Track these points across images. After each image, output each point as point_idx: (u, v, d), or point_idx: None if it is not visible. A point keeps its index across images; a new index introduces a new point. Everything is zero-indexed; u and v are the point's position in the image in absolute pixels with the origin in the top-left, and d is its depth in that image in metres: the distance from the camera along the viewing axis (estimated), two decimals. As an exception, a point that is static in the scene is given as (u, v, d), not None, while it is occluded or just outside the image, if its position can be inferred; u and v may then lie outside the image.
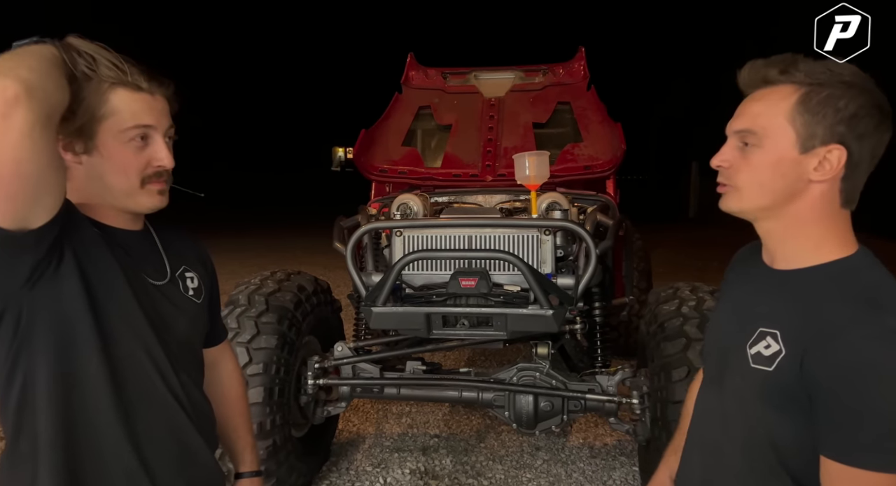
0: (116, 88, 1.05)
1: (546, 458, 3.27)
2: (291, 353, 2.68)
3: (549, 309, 2.35)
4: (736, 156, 1.05)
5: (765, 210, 1.05)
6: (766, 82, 1.03)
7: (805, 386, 0.96)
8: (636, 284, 4.44)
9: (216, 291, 1.36)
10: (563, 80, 4.01)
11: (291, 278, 2.92)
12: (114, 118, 1.05)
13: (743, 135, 1.04)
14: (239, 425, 1.42)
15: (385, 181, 3.69)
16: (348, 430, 3.60)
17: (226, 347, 1.45)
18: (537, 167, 2.60)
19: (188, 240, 1.31)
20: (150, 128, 1.08)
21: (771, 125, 1.01)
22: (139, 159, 1.08)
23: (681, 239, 11.59)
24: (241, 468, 1.41)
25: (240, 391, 1.45)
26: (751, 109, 1.04)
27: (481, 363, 4.71)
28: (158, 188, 1.11)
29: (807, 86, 0.99)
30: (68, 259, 0.99)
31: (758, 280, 1.12)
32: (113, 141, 1.06)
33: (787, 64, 1.01)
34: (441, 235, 2.64)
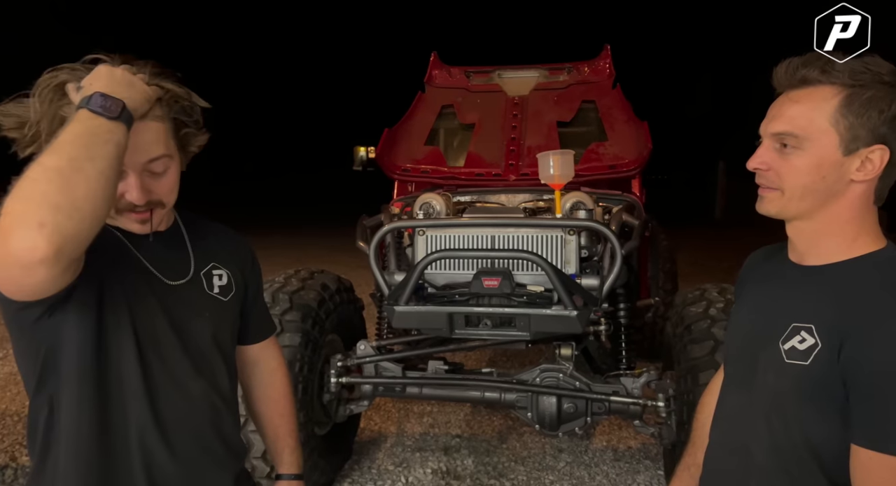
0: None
1: (569, 460, 3.24)
2: (315, 351, 2.69)
3: (573, 310, 2.33)
4: (774, 158, 1.02)
5: (805, 212, 1.03)
6: (805, 82, 1.00)
7: (842, 375, 0.95)
8: (662, 285, 4.38)
9: (255, 288, 1.33)
10: (587, 78, 3.97)
11: (315, 277, 2.94)
12: None
13: (781, 137, 1.01)
14: (280, 425, 1.38)
15: (408, 180, 3.69)
16: (370, 429, 3.61)
17: (269, 345, 1.40)
18: (562, 166, 2.57)
19: (226, 236, 1.28)
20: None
21: (813, 128, 0.98)
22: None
23: (707, 240, 11.40)
24: (280, 468, 1.38)
25: (282, 391, 1.40)
26: (789, 111, 1.00)
27: (503, 364, 4.69)
28: (137, 218, 1.06)
29: (849, 87, 0.96)
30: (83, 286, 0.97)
31: (784, 278, 1.10)
32: None
33: (826, 63, 0.98)
34: (464, 234, 2.63)
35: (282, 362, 1.43)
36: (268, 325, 1.41)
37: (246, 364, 1.36)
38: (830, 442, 0.99)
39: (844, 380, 0.95)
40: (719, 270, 8.22)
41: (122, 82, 0.94)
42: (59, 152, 0.83)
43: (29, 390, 1.04)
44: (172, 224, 1.19)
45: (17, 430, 3.55)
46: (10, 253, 0.77)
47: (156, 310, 1.08)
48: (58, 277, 0.83)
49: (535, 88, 3.91)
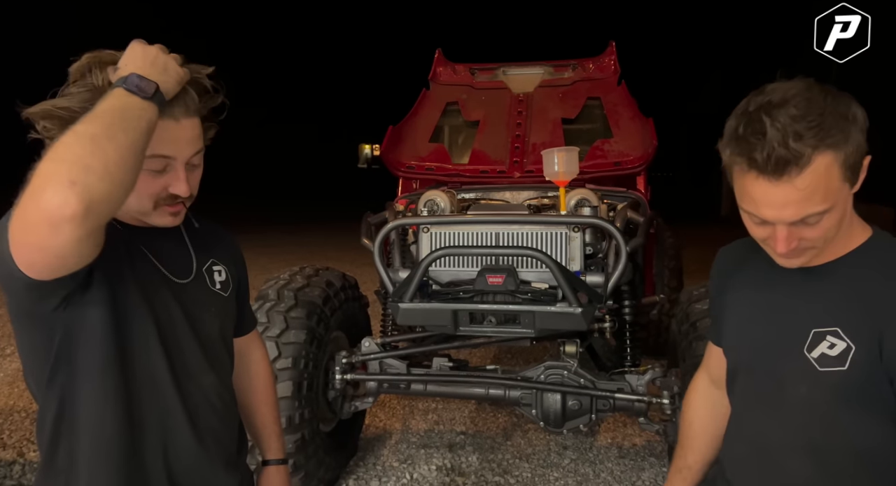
0: None
1: (574, 457, 3.24)
2: (320, 348, 2.70)
3: (578, 307, 2.33)
4: (801, 232, 0.98)
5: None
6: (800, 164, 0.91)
7: (888, 373, 0.94)
8: (667, 282, 4.37)
9: (245, 281, 1.36)
10: (592, 75, 3.95)
11: (320, 274, 2.95)
12: None
13: (806, 219, 0.96)
14: (265, 413, 1.43)
15: (412, 178, 3.69)
16: (375, 425, 3.62)
17: (255, 336, 1.45)
18: (566, 163, 2.57)
19: (216, 231, 1.31)
20: (168, 159, 1.04)
21: (832, 195, 0.94)
22: (154, 185, 1.04)
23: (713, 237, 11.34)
24: (267, 455, 1.42)
25: (267, 381, 1.45)
26: (797, 196, 0.93)
27: (508, 361, 4.69)
28: (172, 210, 1.09)
29: (832, 145, 0.92)
30: (97, 278, 0.99)
31: (785, 283, 1.08)
32: None
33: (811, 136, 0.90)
34: (468, 231, 2.63)
35: (265, 353, 1.48)
36: (252, 317, 1.46)
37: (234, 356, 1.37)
38: (881, 447, 0.97)
39: (892, 378, 0.93)
40: (725, 267, 8.18)
41: (157, 65, 0.97)
42: (94, 122, 0.86)
43: (39, 385, 1.05)
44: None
45: (24, 426, 3.58)
46: (41, 208, 0.79)
47: (171, 303, 1.10)
48: (81, 242, 0.83)
49: (539, 84, 3.89)
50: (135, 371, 1.05)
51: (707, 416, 1.36)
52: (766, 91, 0.95)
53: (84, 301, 0.98)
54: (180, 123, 1.03)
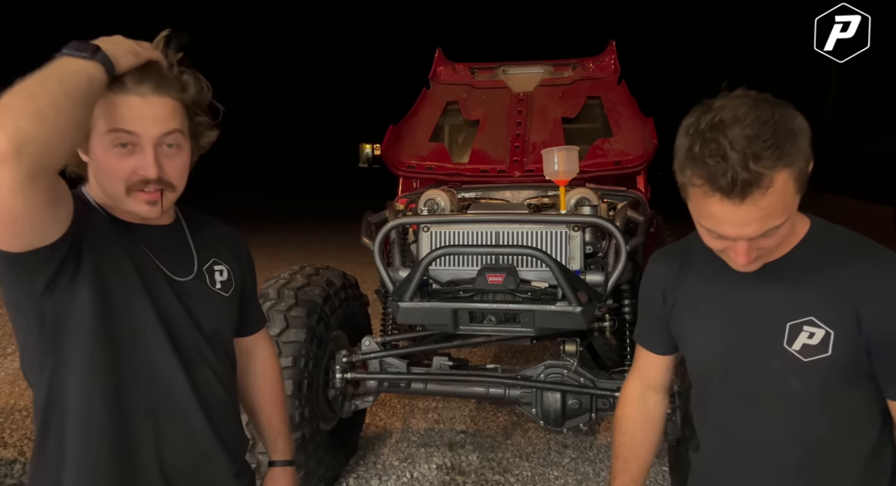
0: (114, 93, 1.00)
1: (574, 456, 3.25)
2: (320, 347, 2.71)
3: (578, 306, 2.33)
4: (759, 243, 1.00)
5: None
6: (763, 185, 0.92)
7: (866, 346, 0.99)
8: (667, 281, 4.36)
9: (251, 281, 1.35)
10: (593, 74, 3.95)
11: (320, 273, 2.95)
12: (98, 121, 1.01)
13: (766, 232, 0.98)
14: (273, 414, 1.42)
15: (412, 177, 3.69)
16: (375, 424, 3.63)
17: (262, 336, 1.44)
18: (566, 162, 2.57)
19: (222, 231, 1.30)
20: (132, 135, 1.01)
21: (789, 207, 0.97)
22: (123, 166, 1.02)
23: (713, 236, 11.35)
24: (273, 456, 1.42)
25: (273, 381, 1.44)
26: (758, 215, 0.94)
27: (508, 360, 4.69)
28: (147, 198, 1.05)
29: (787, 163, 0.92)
30: (86, 266, 1.00)
31: (741, 281, 1.08)
32: (97, 145, 1.03)
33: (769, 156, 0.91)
34: (468, 230, 2.63)
35: (273, 353, 1.47)
36: (260, 316, 1.45)
37: (240, 356, 1.37)
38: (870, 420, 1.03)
39: (869, 349, 0.98)
40: (725, 266, 8.19)
41: (107, 40, 0.98)
42: (28, 79, 0.86)
43: (31, 371, 1.06)
44: (174, 220, 1.21)
45: (25, 425, 3.59)
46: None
47: (171, 298, 1.11)
48: (25, 191, 0.82)
49: (539, 84, 3.90)
50: (129, 360, 1.05)
51: (647, 426, 1.36)
52: (714, 108, 0.95)
53: (72, 288, 0.99)
54: (147, 99, 1.02)
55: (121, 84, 1.00)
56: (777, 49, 15.43)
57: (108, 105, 1.00)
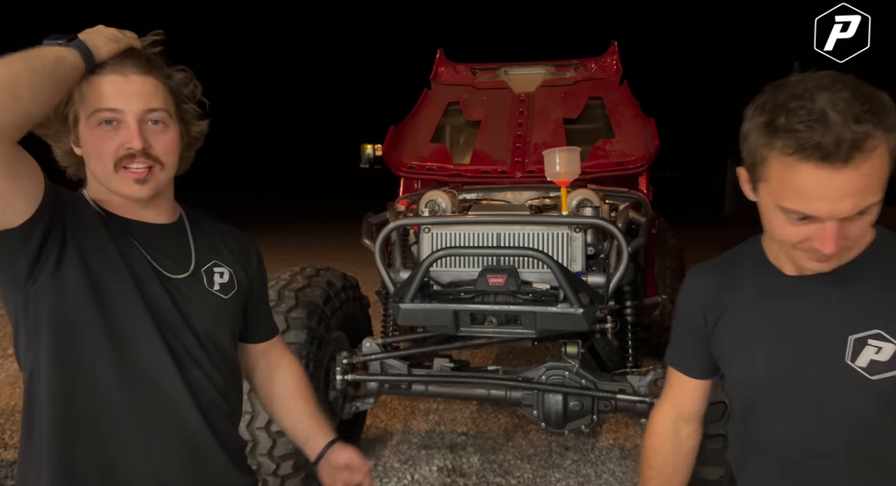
0: (96, 75, 1.04)
1: (575, 458, 3.23)
2: (320, 348, 2.70)
3: (579, 308, 2.32)
4: (846, 230, 0.90)
5: None
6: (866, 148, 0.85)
7: None
8: (669, 283, 4.35)
9: (259, 288, 1.33)
10: (594, 74, 3.94)
11: (321, 274, 2.94)
12: (83, 105, 1.05)
13: (862, 211, 0.90)
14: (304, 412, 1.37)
15: (414, 178, 3.68)
16: (376, 426, 3.62)
17: (278, 344, 1.42)
18: (568, 163, 2.56)
19: (231, 236, 1.29)
20: (116, 112, 1.04)
21: (882, 187, 0.88)
22: (110, 144, 1.04)
23: (716, 238, 11.33)
24: (328, 437, 1.35)
25: (302, 379, 1.41)
26: (858, 185, 0.86)
27: (509, 362, 4.68)
28: (133, 177, 1.06)
29: (891, 131, 0.86)
30: (71, 255, 1.00)
31: (789, 294, 1.02)
32: (84, 128, 1.06)
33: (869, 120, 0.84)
34: (469, 231, 2.63)
35: (292, 359, 1.45)
36: (272, 325, 1.42)
37: (259, 363, 1.36)
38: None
39: None
40: (727, 267, 8.17)
41: (88, 30, 1.02)
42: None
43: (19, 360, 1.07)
44: (177, 219, 1.20)
45: (26, 426, 3.59)
46: None
47: (162, 294, 1.10)
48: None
49: (541, 84, 3.89)
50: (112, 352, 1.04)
51: (679, 459, 1.27)
52: (792, 83, 0.89)
53: (56, 275, 1.00)
54: (128, 78, 1.05)
55: (102, 67, 1.04)
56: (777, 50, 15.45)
57: (91, 87, 1.04)
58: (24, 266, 0.98)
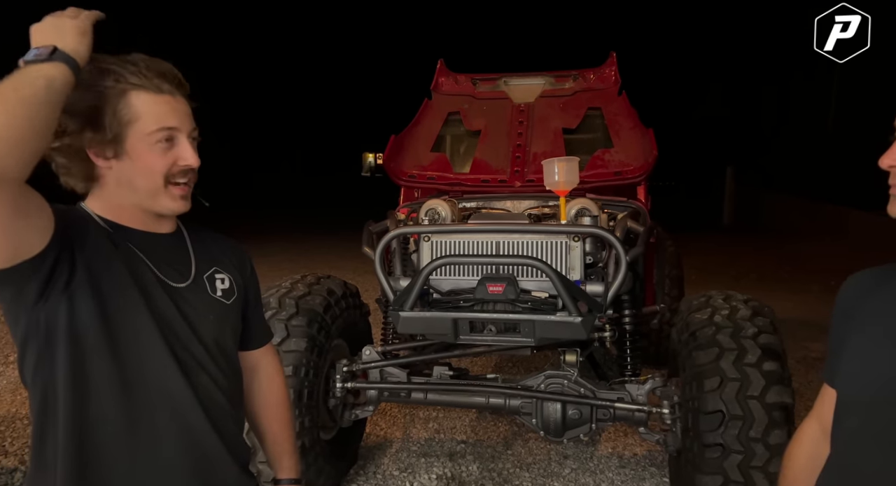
0: (139, 91, 1.07)
1: (574, 467, 3.23)
2: (320, 356, 2.71)
3: (578, 316, 2.33)
4: None
5: None
6: None
7: None
8: (668, 292, 4.37)
9: (254, 294, 1.36)
10: (593, 85, 3.98)
11: (321, 282, 2.96)
12: (140, 122, 1.07)
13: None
14: (279, 431, 1.40)
15: (414, 186, 3.71)
16: (376, 434, 3.62)
17: (268, 351, 1.44)
18: (566, 173, 2.59)
19: (226, 244, 1.32)
20: (174, 130, 1.10)
21: None
22: (165, 160, 1.10)
23: (715, 247, 11.36)
24: (280, 474, 1.40)
25: (280, 397, 1.42)
26: None
27: (508, 370, 4.68)
28: (181, 193, 1.13)
29: None
30: (80, 273, 1.02)
31: None
32: (140, 144, 1.08)
33: None
34: (469, 240, 2.65)
35: (279, 369, 1.46)
36: (266, 331, 1.45)
37: (246, 370, 1.38)
38: None
39: None
40: (727, 277, 8.18)
41: (47, 29, 0.99)
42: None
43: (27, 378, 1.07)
44: (176, 229, 1.22)
45: (26, 434, 3.59)
46: None
47: (167, 303, 1.12)
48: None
49: (541, 94, 3.92)
50: (125, 365, 1.06)
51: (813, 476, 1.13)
52: None
53: (66, 294, 1.01)
54: (176, 98, 1.11)
55: (154, 87, 1.08)
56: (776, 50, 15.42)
57: (143, 104, 1.07)
58: (35, 290, 0.99)
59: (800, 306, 6.24)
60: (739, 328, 2.40)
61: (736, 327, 2.41)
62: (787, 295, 6.88)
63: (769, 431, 2.18)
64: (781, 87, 16.25)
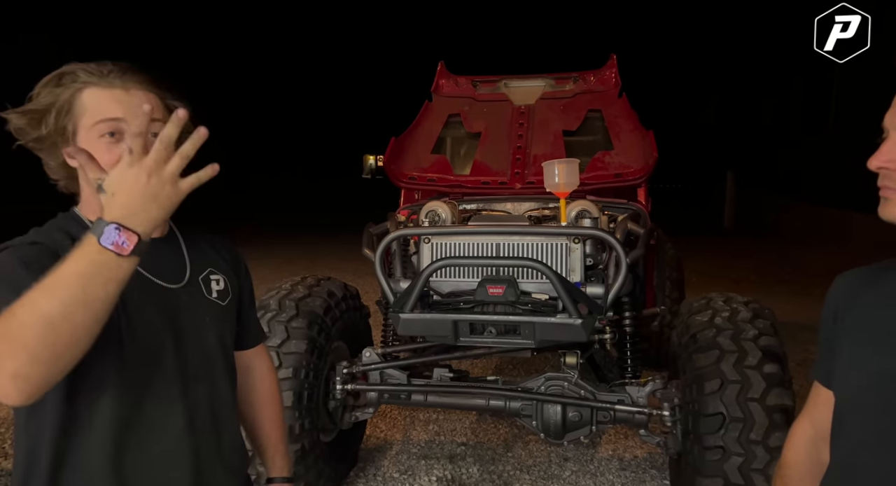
0: (88, 87, 1.06)
1: (575, 469, 3.23)
2: (321, 358, 2.71)
3: (578, 318, 2.33)
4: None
5: None
6: None
7: None
8: (668, 294, 4.37)
9: (248, 295, 1.36)
10: (594, 87, 3.98)
11: (321, 284, 2.96)
12: (86, 116, 1.06)
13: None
14: (270, 430, 1.41)
15: (414, 188, 3.71)
16: (376, 436, 3.61)
17: (261, 351, 1.44)
18: (567, 175, 2.59)
19: (219, 245, 1.32)
20: (119, 121, 1.05)
21: None
22: (111, 155, 1.04)
23: (715, 250, 11.35)
24: (272, 472, 1.41)
25: (272, 398, 1.43)
26: None
27: (509, 372, 4.68)
28: None
29: None
30: None
31: None
32: (86, 139, 1.06)
33: None
34: (469, 242, 2.65)
35: (272, 368, 1.46)
36: (259, 331, 1.44)
37: (239, 370, 1.37)
38: None
39: None
40: (727, 279, 8.18)
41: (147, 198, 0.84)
42: (54, 293, 0.80)
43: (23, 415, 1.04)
44: (168, 232, 1.21)
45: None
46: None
47: (161, 306, 1.11)
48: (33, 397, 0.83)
49: (541, 97, 3.92)
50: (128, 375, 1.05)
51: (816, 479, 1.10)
52: None
53: None
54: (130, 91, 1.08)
55: (105, 82, 1.06)
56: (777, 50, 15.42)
57: (91, 99, 1.05)
58: None
59: (800, 309, 6.23)
60: (740, 331, 2.40)
61: (736, 329, 2.41)
62: (787, 298, 6.88)
63: (770, 433, 2.18)
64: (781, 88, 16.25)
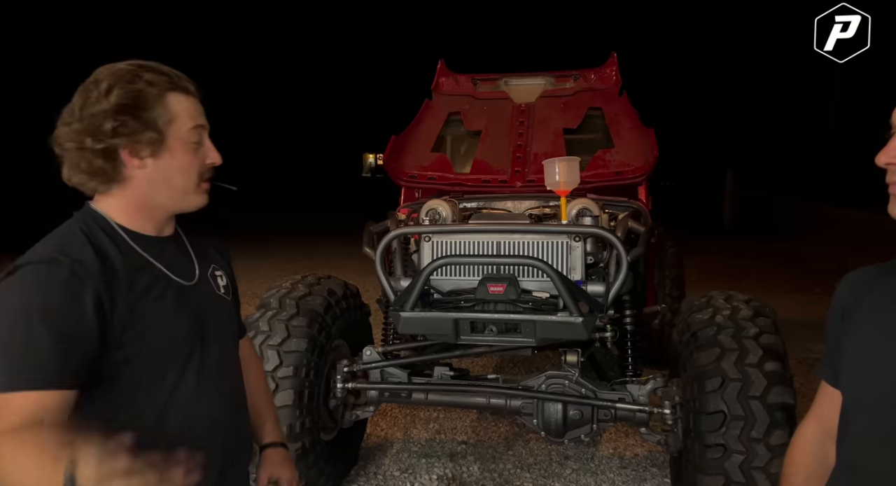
0: (174, 93, 1.11)
1: (575, 467, 3.23)
2: (321, 356, 2.71)
3: (579, 316, 2.33)
4: None
5: None
6: None
7: None
8: (668, 292, 4.36)
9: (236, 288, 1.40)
10: (594, 85, 3.97)
11: (322, 283, 2.96)
12: (178, 121, 1.10)
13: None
14: (260, 402, 1.43)
15: (415, 187, 3.71)
16: (376, 434, 3.61)
17: (246, 341, 1.48)
18: (567, 173, 2.59)
19: (214, 241, 1.36)
20: (203, 128, 1.14)
21: None
22: (197, 159, 1.14)
23: (715, 248, 11.35)
24: (265, 439, 1.42)
25: (257, 373, 1.47)
26: None
27: (509, 370, 4.68)
28: (206, 188, 1.18)
29: None
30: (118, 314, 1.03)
31: None
32: (177, 143, 1.11)
33: None
34: (470, 240, 2.64)
35: (255, 353, 1.53)
36: (242, 323, 1.47)
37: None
38: None
39: None
40: (728, 277, 8.18)
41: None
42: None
43: None
44: (175, 231, 1.24)
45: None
46: None
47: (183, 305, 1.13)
48: None
49: (541, 95, 3.92)
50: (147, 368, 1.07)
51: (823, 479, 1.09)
52: None
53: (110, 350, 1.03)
54: (196, 100, 1.15)
55: (183, 88, 1.12)
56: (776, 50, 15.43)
57: (180, 105, 1.11)
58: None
59: (801, 307, 6.23)
60: (741, 329, 2.40)
61: (737, 327, 2.41)
62: (788, 296, 6.88)
63: (771, 431, 2.18)
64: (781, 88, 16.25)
